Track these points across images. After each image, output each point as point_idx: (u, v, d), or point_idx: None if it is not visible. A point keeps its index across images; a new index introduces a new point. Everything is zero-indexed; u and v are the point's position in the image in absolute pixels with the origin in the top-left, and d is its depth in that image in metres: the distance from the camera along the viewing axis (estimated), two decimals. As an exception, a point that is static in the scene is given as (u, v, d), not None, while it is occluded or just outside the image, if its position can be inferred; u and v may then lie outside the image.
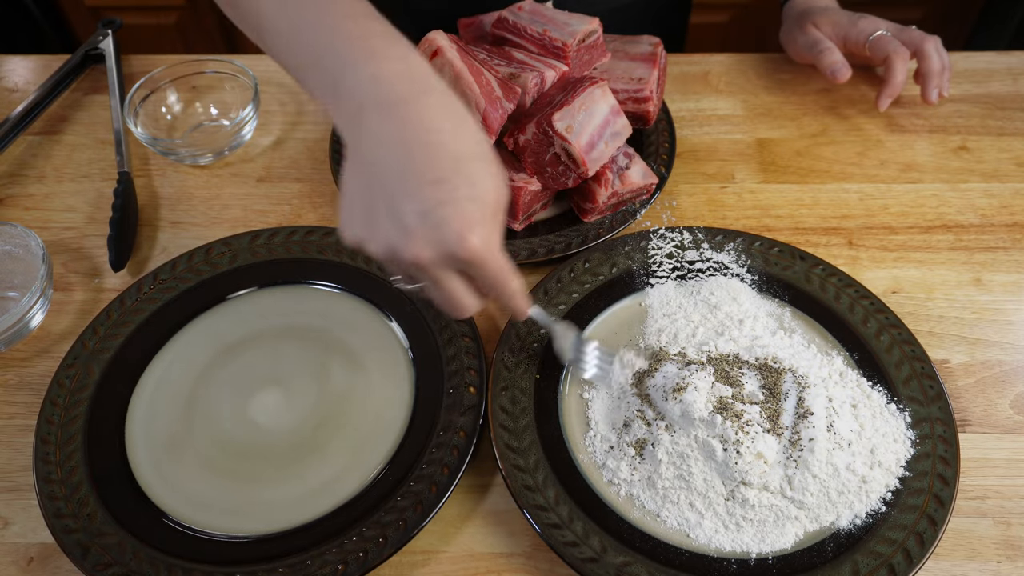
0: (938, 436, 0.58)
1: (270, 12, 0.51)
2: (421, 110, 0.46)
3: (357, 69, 0.47)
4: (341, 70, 0.47)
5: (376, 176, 0.46)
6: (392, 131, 0.46)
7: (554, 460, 0.58)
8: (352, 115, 0.47)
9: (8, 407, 0.65)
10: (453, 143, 0.46)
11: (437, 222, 0.45)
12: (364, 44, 0.47)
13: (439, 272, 0.48)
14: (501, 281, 0.49)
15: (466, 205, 0.45)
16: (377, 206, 0.46)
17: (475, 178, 0.46)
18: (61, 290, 0.73)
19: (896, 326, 0.65)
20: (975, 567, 0.55)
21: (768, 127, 0.85)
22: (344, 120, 0.48)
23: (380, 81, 0.46)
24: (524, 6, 0.76)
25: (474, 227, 0.45)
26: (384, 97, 0.46)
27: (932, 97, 0.82)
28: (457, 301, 0.50)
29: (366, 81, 0.46)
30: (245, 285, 0.71)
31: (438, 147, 0.45)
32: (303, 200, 0.79)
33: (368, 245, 0.48)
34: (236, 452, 0.61)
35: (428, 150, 0.45)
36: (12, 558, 0.57)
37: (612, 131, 0.70)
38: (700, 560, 0.54)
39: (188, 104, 0.87)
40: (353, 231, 0.48)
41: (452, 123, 0.47)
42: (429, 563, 0.57)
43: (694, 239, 0.71)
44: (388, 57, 0.47)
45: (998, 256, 0.73)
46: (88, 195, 0.81)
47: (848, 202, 0.78)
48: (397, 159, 0.45)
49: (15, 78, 0.94)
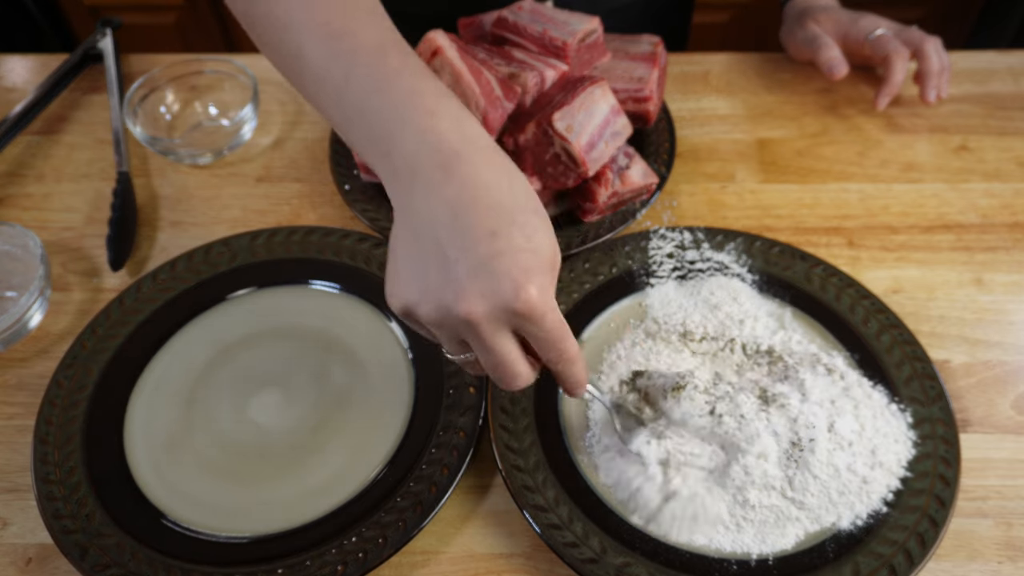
0: (939, 436, 0.58)
1: (316, 59, 0.49)
2: (474, 167, 0.44)
3: (408, 127, 0.45)
4: (391, 127, 0.46)
5: (428, 235, 0.44)
6: (445, 188, 0.44)
7: (554, 461, 0.58)
8: (403, 173, 0.46)
9: (7, 407, 0.65)
10: (507, 198, 0.44)
11: (492, 272, 0.42)
12: (417, 101, 0.46)
13: (492, 331, 0.44)
14: (558, 340, 0.45)
15: (522, 256, 0.43)
16: (428, 265, 0.44)
17: (530, 230, 0.44)
18: (60, 290, 0.73)
19: (897, 326, 0.64)
20: (976, 568, 0.55)
21: (768, 127, 0.85)
22: (393, 179, 0.46)
23: (433, 140, 0.45)
24: (524, 5, 0.76)
25: (531, 277, 0.43)
26: (437, 155, 0.45)
27: (930, 97, 0.82)
28: (510, 366, 0.46)
29: (418, 139, 0.45)
30: (245, 285, 0.70)
31: (492, 202, 0.44)
32: (303, 200, 0.79)
33: (418, 308, 0.45)
34: (235, 452, 0.61)
35: (482, 205, 0.43)
36: (11, 559, 0.57)
37: (612, 131, 0.70)
38: (700, 561, 0.54)
39: (187, 104, 0.87)
40: (401, 295, 0.45)
41: (506, 179, 0.45)
42: (429, 563, 0.56)
43: (694, 239, 0.71)
44: (440, 115, 0.46)
45: (999, 256, 0.73)
46: (87, 195, 0.80)
47: (849, 202, 0.77)
48: (450, 216, 0.43)
49: (14, 77, 0.94)
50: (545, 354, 0.46)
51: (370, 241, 0.72)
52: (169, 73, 0.85)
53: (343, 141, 0.73)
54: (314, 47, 0.49)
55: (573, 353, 0.47)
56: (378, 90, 0.47)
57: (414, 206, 0.45)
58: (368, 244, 0.72)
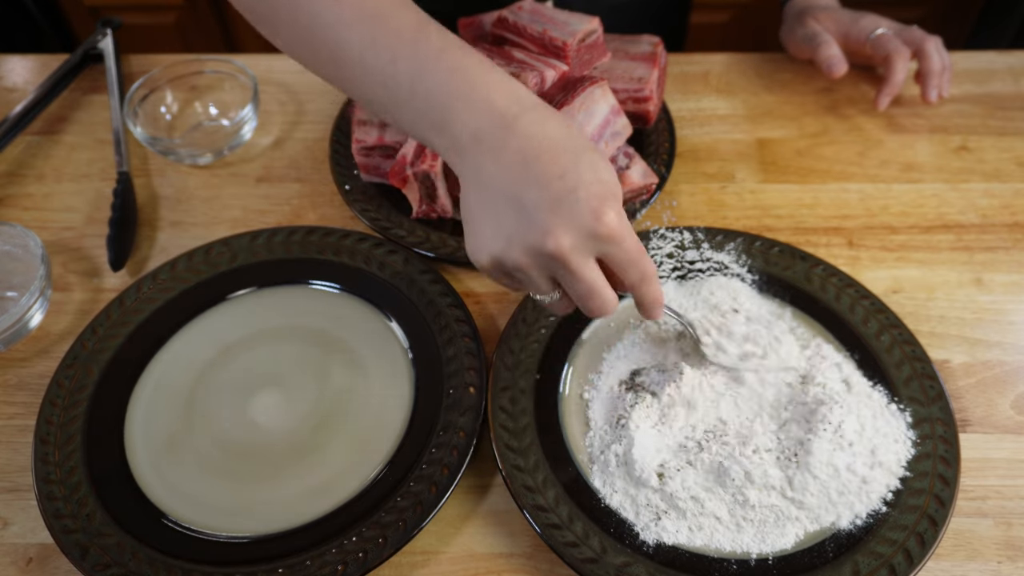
0: (939, 436, 0.58)
1: (356, 45, 0.51)
2: (532, 123, 0.48)
3: (463, 101, 0.48)
4: (446, 103, 0.49)
5: (501, 190, 0.47)
6: (510, 146, 0.47)
7: (554, 460, 0.58)
8: (466, 143, 0.48)
9: (7, 407, 0.65)
10: (567, 142, 0.48)
11: (571, 206, 0.46)
12: (466, 75, 0.49)
13: (580, 260, 0.47)
14: (639, 260, 0.49)
15: (594, 187, 0.47)
16: (507, 216, 0.47)
17: (594, 165, 0.47)
18: (60, 290, 0.73)
19: (896, 326, 0.64)
20: (976, 567, 0.55)
21: (768, 127, 0.85)
22: (455, 150, 0.49)
23: (489, 108, 0.48)
24: (524, 5, 0.76)
25: (606, 203, 0.47)
26: (497, 119, 0.48)
27: (931, 97, 0.82)
28: (600, 291, 0.49)
29: (476, 110, 0.48)
30: (245, 285, 0.70)
31: (555, 148, 0.47)
32: (303, 200, 0.79)
33: (507, 255, 0.48)
34: (236, 452, 0.61)
35: (547, 152, 0.47)
36: (11, 558, 0.57)
37: (612, 131, 0.70)
38: (700, 560, 0.54)
39: (187, 104, 0.87)
40: (488, 247, 0.49)
41: (563, 128, 0.48)
42: (429, 563, 0.56)
43: (694, 239, 0.71)
44: (491, 83, 0.49)
45: (999, 256, 0.73)
46: (87, 195, 0.80)
47: (848, 202, 0.77)
48: (521, 167, 0.47)
49: (14, 78, 0.94)
50: (628, 275, 0.50)
51: (370, 241, 0.72)
52: (169, 73, 0.85)
53: (358, 131, 0.73)
54: (353, 34, 0.51)
55: (652, 271, 0.50)
56: (427, 70, 0.49)
57: (484, 169, 0.48)
58: (368, 244, 0.72)
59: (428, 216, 0.73)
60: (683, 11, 1.08)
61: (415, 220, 0.74)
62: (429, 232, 0.73)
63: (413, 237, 0.72)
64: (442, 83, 0.49)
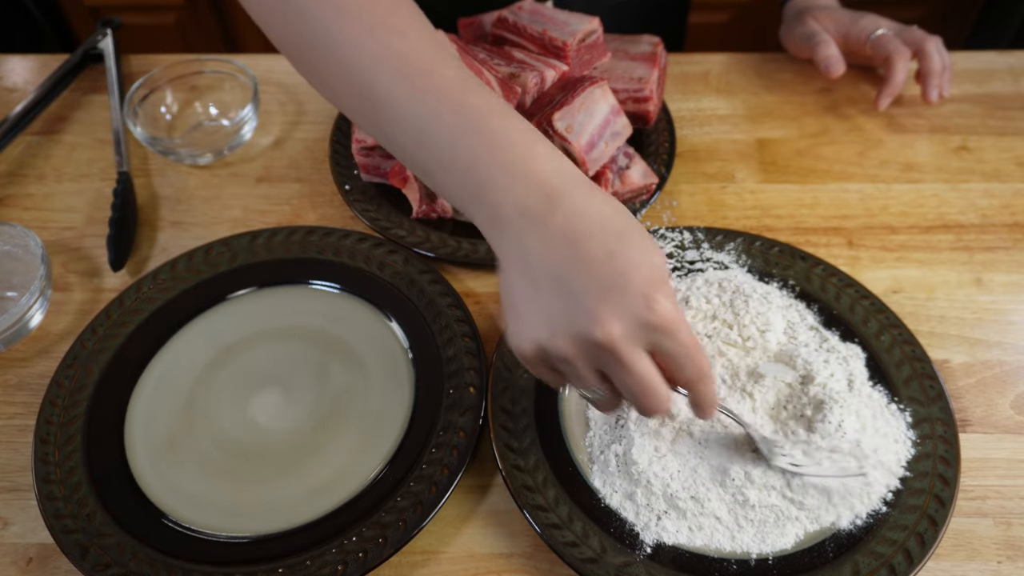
0: (939, 436, 0.58)
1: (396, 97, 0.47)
2: (577, 199, 0.44)
3: (509, 169, 0.45)
4: (490, 170, 0.45)
5: (545, 271, 0.44)
6: (554, 222, 0.44)
7: (554, 460, 0.58)
8: (508, 216, 0.45)
9: (7, 407, 0.65)
10: (614, 221, 0.44)
11: (621, 291, 0.42)
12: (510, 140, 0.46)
13: (631, 351, 0.43)
14: (695, 354, 0.45)
15: (643, 270, 0.43)
16: (553, 300, 0.44)
17: (644, 247, 0.44)
18: (60, 290, 0.73)
19: (896, 326, 0.64)
20: (975, 567, 0.55)
21: (768, 127, 0.85)
22: (496, 223, 0.46)
23: (535, 179, 0.45)
24: (524, 5, 0.76)
25: (658, 289, 0.43)
26: (543, 193, 0.44)
27: (932, 96, 0.82)
28: (653, 386, 0.44)
29: (521, 181, 0.45)
30: (245, 285, 0.70)
31: (602, 227, 0.44)
32: (303, 200, 0.79)
33: (552, 344, 0.44)
34: (236, 452, 0.61)
35: (595, 232, 0.44)
36: (11, 558, 0.57)
37: (612, 131, 0.70)
38: (700, 560, 0.54)
39: (187, 104, 0.87)
40: (532, 335, 0.45)
41: (608, 205, 0.45)
42: (429, 563, 0.56)
43: (694, 239, 0.71)
44: (536, 154, 0.46)
45: (999, 256, 0.73)
46: (87, 195, 0.80)
47: (848, 202, 0.77)
48: (567, 249, 0.43)
49: (14, 77, 0.94)
50: (684, 371, 0.45)
51: (370, 241, 0.72)
52: (169, 73, 0.85)
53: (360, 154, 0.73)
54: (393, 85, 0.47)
55: (708, 369, 0.46)
56: (469, 131, 0.46)
57: (527, 247, 0.44)
58: (368, 244, 0.72)
59: (428, 216, 0.73)
60: (683, 11, 1.08)
61: (415, 220, 0.74)
62: (429, 232, 0.73)
63: (413, 237, 0.72)
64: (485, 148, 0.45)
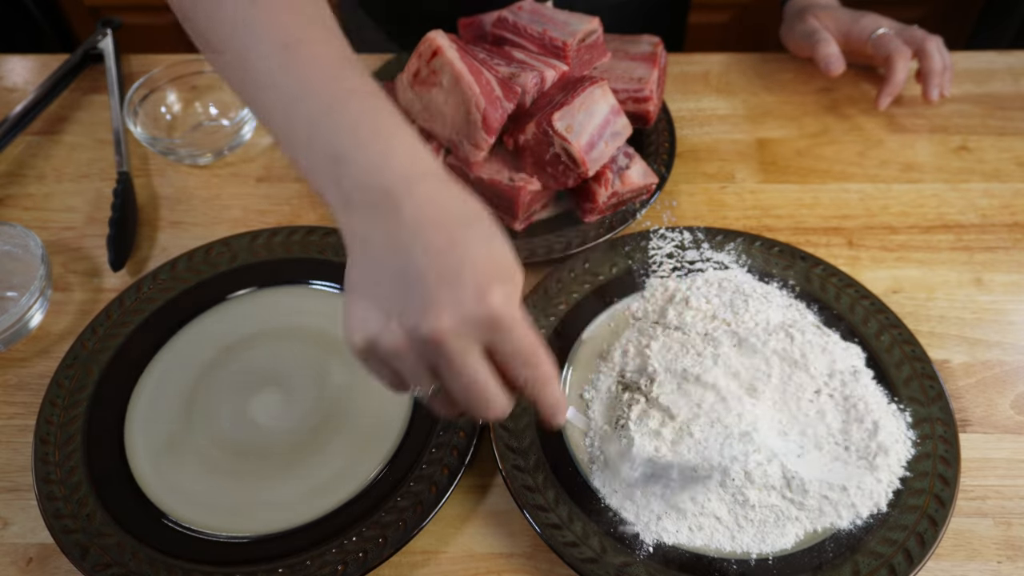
0: (939, 436, 0.58)
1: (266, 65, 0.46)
2: (430, 190, 0.43)
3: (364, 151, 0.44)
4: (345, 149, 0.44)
5: (387, 263, 0.42)
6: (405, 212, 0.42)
7: (554, 460, 0.58)
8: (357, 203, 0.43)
9: (7, 407, 0.65)
10: (463, 213, 0.43)
11: (454, 282, 0.40)
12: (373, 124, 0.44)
13: (461, 348, 0.41)
14: (530, 354, 0.42)
15: (481, 263, 0.41)
16: (390, 293, 0.42)
17: (488, 239, 0.42)
18: (60, 290, 0.73)
19: (896, 326, 0.64)
20: (975, 567, 0.55)
21: (768, 127, 0.85)
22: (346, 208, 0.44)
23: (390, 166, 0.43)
24: (524, 5, 0.76)
25: (493, 282, 0.41)
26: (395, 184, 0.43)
27: (933, 96, 0.82)
28: (481, 388, 0.42)
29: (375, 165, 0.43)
30: (245, 285, 0.70)
31: (449, 217, 0.42)
32: (303, 200, 0.79)
33: (382, 337, 0.42)
34: (236, 452, 0.61)
35: (440, 221, 0.42)
36: (11, 558, 0.57)
37: (612, 131, 0.70)
38: (700, 560, 0.54)
39: (187, 104, 0.87)
40: (363, 327, 0.42)
41: (460, 199, 0.44)
42: (429, 563, 0.56)
43: (694, 239, 0.71)
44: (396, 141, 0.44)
45: (999, 256, 0.73)
46: (87, 195, 0.80)
47: (848, 202, 0.77)
48: (410, 238, 0.42)
49: (14, 77, 0.94)
50: (518, 372, 0.43)
51: (370, 241, 0.72)
52: (169, 73, 0.85)
53: None
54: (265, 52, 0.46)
55: (547, 372, 0.44)
56: (332, 109, 0.45)
57: (370, 236, 0.43)
58: (368, 244, 0.72)
59: (428, 216, 0.73)
60: (683, 11, 1.08)
61: (415, 220, 0.73)
62: (429, 232, 0.72)
63: (413, 237, 0.72)
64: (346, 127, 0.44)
